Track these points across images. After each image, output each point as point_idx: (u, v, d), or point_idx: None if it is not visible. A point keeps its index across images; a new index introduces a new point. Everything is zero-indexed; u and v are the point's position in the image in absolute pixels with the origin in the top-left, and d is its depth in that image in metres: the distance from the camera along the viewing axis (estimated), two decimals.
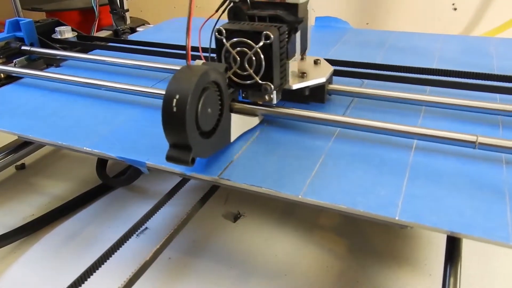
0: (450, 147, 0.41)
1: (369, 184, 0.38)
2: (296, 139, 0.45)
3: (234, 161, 0.43)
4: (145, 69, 0.64)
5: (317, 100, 0.49)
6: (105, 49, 0.77)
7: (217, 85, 0.41)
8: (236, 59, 0.43)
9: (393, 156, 0.41)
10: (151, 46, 0.73)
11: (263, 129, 0.47)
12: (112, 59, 0.67)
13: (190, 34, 0.39)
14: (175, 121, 0.37)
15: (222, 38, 0.43)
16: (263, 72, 0.43)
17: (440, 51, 0.68)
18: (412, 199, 0.36)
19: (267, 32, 0.41)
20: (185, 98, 0.37)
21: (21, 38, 0.76)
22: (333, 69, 0.49)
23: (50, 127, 0.52)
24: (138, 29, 0.98)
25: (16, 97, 0.61)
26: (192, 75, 0.38)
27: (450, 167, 0.39)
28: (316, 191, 0.37)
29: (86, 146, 0.47)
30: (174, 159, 0.39)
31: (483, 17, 1.15)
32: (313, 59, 0.50)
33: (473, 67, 0.55)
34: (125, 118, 0.52)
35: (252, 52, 0.42)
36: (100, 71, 0.68)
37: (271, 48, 0.42)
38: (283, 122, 0.48)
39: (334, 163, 0.41)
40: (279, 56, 0.43)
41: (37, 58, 0.75)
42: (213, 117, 0.41)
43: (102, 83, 0.58)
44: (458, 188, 0.37)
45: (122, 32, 0.94)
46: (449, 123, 0.46)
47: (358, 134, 0.44)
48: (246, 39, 0.42)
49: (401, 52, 0.68)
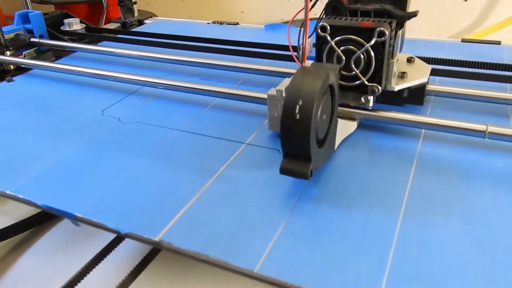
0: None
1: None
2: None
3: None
4: (153, 60, 0.64)
5: (415, 102, 0.46)
6: (113, 40, 0.76)
7: (331, 88, 0.36)
8: (341, 58, 0.39)
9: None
10: (158, 37, 0.71)
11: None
12: (120, 50, 0.66)
13: (307, 31, 0.35)
14: (297, 129, 0.32)
15: (325, 36, 0.39)
16: (371, 73, 0.39)
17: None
18: None
19: (381, 29, 0.37)
20: (310, 104, 0.32)
21: (30, 30, 0.72)
22: (431, 67, 0.45)
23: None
24: (145, 21, 0.93)
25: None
26: (314, 79, 0.33)
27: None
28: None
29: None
30: (291, 172, 0.34)
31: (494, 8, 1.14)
32: (406, 57, 0.46)
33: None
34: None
35: (362, 50, 0.38)
36: (108, 62, 0.67)
37: (384, 46, 0.38)
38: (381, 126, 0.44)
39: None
40: (388, 54, 0.39)
41: (46, 50, 0.72)
42: (326, 124, 0.37)
43: (111, 74, 0.56)
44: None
45: (130, 25, 0.89)
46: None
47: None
48: (355, 36, 0.38)
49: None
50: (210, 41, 0.66)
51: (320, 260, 0.29)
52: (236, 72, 0.58)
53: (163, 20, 0.93)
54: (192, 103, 0.51)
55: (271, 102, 0.41)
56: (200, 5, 1.47)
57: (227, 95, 0.49)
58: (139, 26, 0.90)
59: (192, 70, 0.61)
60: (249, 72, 0.57)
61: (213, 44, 0.65)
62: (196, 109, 0.50)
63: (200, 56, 0.60)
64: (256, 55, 0.61)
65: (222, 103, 0.51)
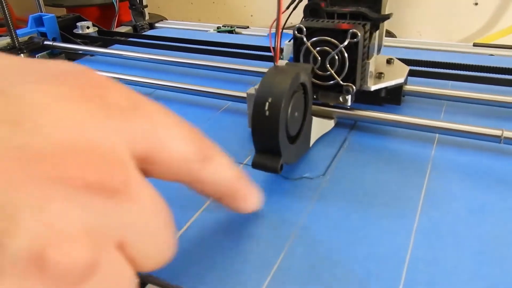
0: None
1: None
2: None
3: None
4: (165, 64, 0.65)
5: (393, 102, 0.47)
6: (125, 44, 0.77)
7: (304, 87, 0.38)
8: (317, 59, 0.41)
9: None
10: (170, 41, 0.73)
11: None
12: (133, 53, 0.67)
13: (280, 32, 0.37)
14: (267, 125, 0.34)
15: (302, 37, 0.41)
16: (345, 73, 0.41)
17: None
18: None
19: (354, 30, 0.39)
20: (279, 101, 0.34)
21: (43, 33, 0.75)
22: (409, 68, 0.46)
23: None
24: (156, 24, 0.96)
25: None
26: (284, 77, 0.35)
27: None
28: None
29: None
30: (262, 166, 0.36)
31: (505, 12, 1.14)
32: (386, 58, 0.48)
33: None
34: None
35: (336, 51, 0.40)
36: (120, 65, 0.68)
37: (357, 47, 0.40)
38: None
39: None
40: (362, 55, 0.41)
41: (59, 53, 0.75)
42: (298, 121, 0.38)
43: (123, 77, 0.58)
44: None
45: (141, 28, 0.93)
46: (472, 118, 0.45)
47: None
48: (330, 38, 0.40)
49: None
50: (220, 44, 0.68)
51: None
52: (248, 75, 0.58)
53: (174, 22, 0.97)
54: (204, 106, 0.52)
55: (250, 100, 0.43)
56: (210, 8, 1.51)
57: (239, 98, 0.49)
58: (150, 29, 0.94)
59: (202, 73, 0.61)
60: (259, 75, 0.57)
61: (224, 48, 0.67)
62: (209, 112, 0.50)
63: (211, 60, 0.62)
64: (266, 58, 0.62)
65: (235, 106, 0.51)
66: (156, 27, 0.95)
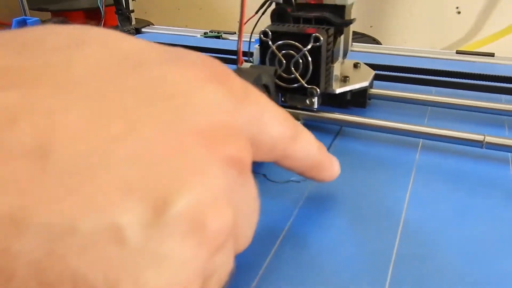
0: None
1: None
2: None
3: None
4: None
5: (358, 105, 0.48)
6: None
7: (267, 88, 0.39)
8: (282, 62, 0.42)
9: None
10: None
11: None
12: None
13: (242, 35, 0.38)
14: None
15: (267, 40, 0.42)
16: (309, 76, 0.42)
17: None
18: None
19: (316, 35, 0.40)
20: None
21: None
22: (374, 73, 0.48)
23: None
24: (143, 30, 0.97)
25: None
26: (245, 78, 0.36)
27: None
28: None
29: None
30: None
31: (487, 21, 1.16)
32: (353, 63, 0.49)
33: None
34: None
35: (300, 55, 0.41)
36: None
37: (320, 51, 0.41)
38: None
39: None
40: (326, 59, 0.42)
41: None
42: None
43: None
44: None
45: (127, 33, 0.93)
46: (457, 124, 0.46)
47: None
48: (294, 41, 0.41)
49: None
50: (208, 50, 0.69)
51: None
52: None
53: (161, 28, 0.98)
54: None
55: None
56: (197, 13, 1.53)
57: None
58: (136, 34, 0.95)
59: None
60: None
61: (211, 54, 0.68)
62: None
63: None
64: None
65: None
66: (143, 32, 0.96)
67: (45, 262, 0.13)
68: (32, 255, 0.13)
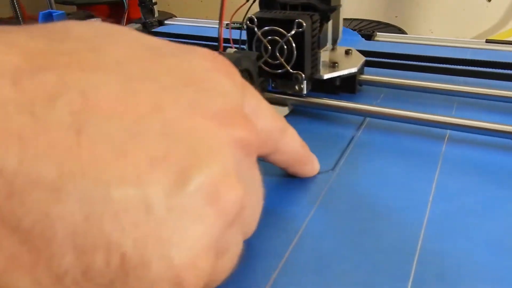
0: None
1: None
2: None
3: None
4: None
5: (348, 91, 0.49)
6: None
7: (249, 73, 0.41)
8: (268, 48, 0.43)
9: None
10: (178, 37, 0.75)
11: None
12: None
13: (223, 22, 0.39)
14: None
15: (253, 27, 0.43)
16: (294, 61, 0.43)
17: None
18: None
19: (299, 20, 0.41)
20: None
21: None
22: (364, 59, 0.48)
23: None
24: (166, 22, 0.99)
25: None
26: None
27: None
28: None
29: None
30: None
31: None
32: (345, 49, 0.50)
33: None
34: None
35: (284, 40, 0.42)
36: None
37: (303, 36, 0.42)
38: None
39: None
40: (311, 45, 0.43)
41: None
42: None
43: None
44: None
45: (151, 25, 0.96)
46: (484, 115, 0.44)
47: (391, 124, 0.42)
48: (278, 28, 0.42)
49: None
50: (229, 41, 0.69)
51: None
52: None
53: (183, 19, 1.00)
54: None
55: None
56: (219, 5, 1.54)
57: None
58: (159, 26, 0.98)
59: None
60: None
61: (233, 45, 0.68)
62: None
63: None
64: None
65: None
66: (166, 24, 0.99)
67: (82, 227, 0.15)
68: (70, 219, 0.15)
